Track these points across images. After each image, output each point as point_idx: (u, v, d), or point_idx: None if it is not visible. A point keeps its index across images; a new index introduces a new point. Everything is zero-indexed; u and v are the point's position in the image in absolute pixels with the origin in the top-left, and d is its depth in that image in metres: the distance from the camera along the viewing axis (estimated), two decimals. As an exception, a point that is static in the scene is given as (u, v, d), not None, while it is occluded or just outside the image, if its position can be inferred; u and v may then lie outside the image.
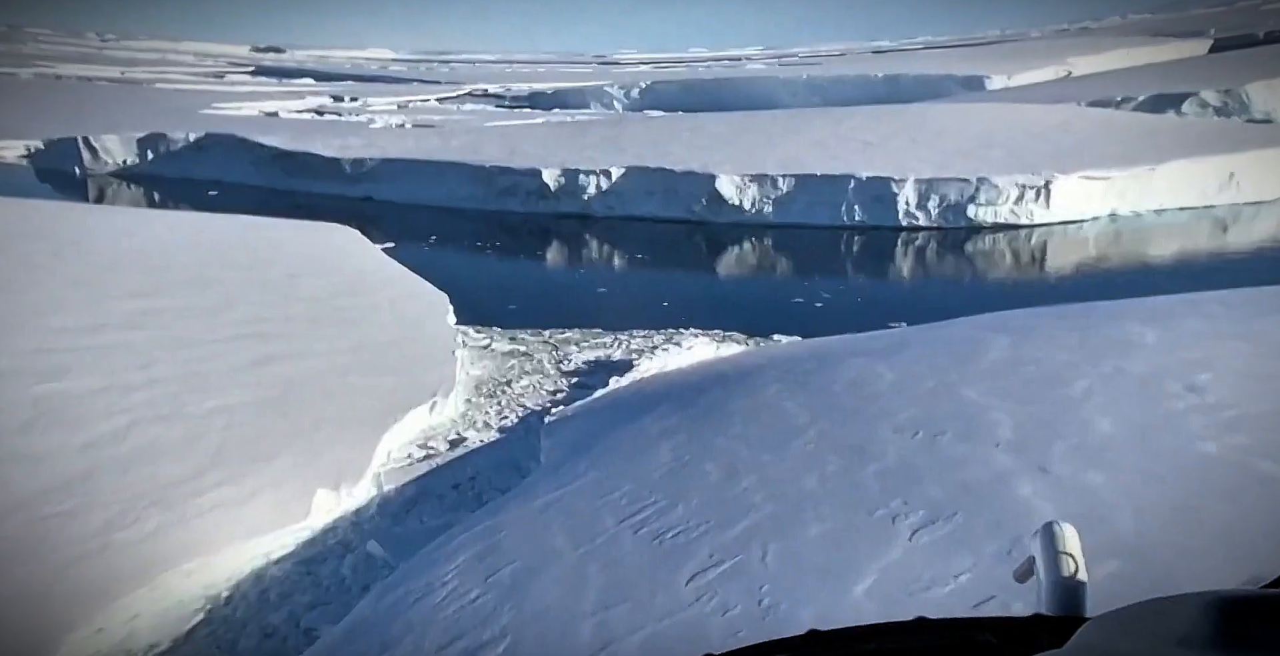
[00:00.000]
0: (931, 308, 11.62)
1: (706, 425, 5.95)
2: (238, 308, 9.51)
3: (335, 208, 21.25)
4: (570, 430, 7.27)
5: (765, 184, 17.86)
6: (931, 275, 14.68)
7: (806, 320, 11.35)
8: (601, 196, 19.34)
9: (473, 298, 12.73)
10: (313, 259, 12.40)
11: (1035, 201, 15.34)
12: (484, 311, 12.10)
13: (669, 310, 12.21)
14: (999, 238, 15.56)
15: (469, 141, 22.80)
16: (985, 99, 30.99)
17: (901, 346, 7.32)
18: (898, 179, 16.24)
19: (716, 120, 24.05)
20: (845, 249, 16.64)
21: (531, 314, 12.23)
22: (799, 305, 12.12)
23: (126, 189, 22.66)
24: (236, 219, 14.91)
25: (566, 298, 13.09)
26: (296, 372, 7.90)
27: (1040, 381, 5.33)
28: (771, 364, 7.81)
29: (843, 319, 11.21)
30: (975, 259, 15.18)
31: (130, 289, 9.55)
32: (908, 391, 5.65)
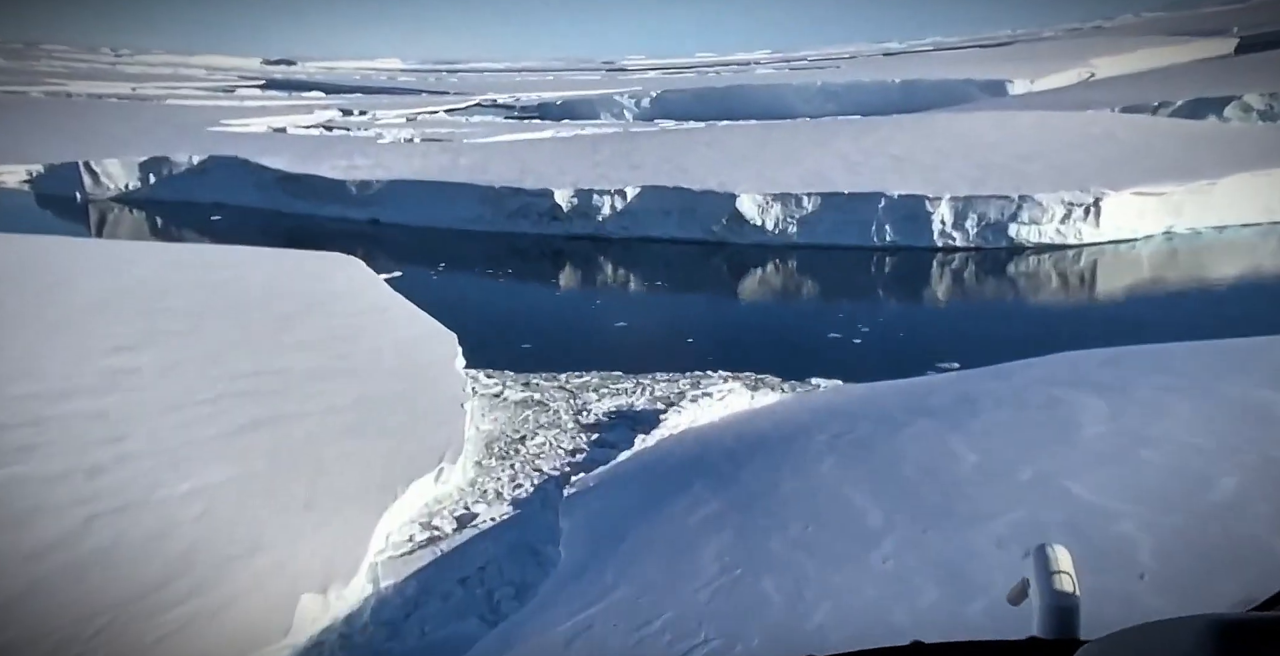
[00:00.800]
0: (982, 342, 10.69)
1: (756, 517, 5.06)
2: (228, 359, 8.73)
3: (341, 231, 20.58)
4: (593, 507, 6.41)
5: (789, 203, 16.98)
6: (975, 302, 13.69)
7: (846, 358, 10.44)
8: (616, 217, 18.52)
9: (483, 335, 11.91)
10: (312, 296, 11.63)
11: (1084, 220, 14.36)
12: (495, 352, 11.28)
13: (694, 347, 11.34)
14: (1044, 259, 14.58)
15: (478, 159, 22.07)
16: (1010, 106, 29.97)
17: (969, 406, 6.40)
18: (932, 197, 15.31)
19: (733, 133, 23.20)
20: (877, 272, 15.70)
21: (546, 353, 11.39)
22: (836, 341, 11.20)
23: (128, 214, 22.07)
24: (234, 251, 14.19)
25: (583, 333, 12.25)
26: (288, 440, 7.08)
27: (1172, 474, 4.39)
28: (818, 422, 6.91)
29: (886, 356, 10.32)
30: (1020, 282, 14.21)
31: (113, 339, 8.79)
32: (999, 482, 4.74)
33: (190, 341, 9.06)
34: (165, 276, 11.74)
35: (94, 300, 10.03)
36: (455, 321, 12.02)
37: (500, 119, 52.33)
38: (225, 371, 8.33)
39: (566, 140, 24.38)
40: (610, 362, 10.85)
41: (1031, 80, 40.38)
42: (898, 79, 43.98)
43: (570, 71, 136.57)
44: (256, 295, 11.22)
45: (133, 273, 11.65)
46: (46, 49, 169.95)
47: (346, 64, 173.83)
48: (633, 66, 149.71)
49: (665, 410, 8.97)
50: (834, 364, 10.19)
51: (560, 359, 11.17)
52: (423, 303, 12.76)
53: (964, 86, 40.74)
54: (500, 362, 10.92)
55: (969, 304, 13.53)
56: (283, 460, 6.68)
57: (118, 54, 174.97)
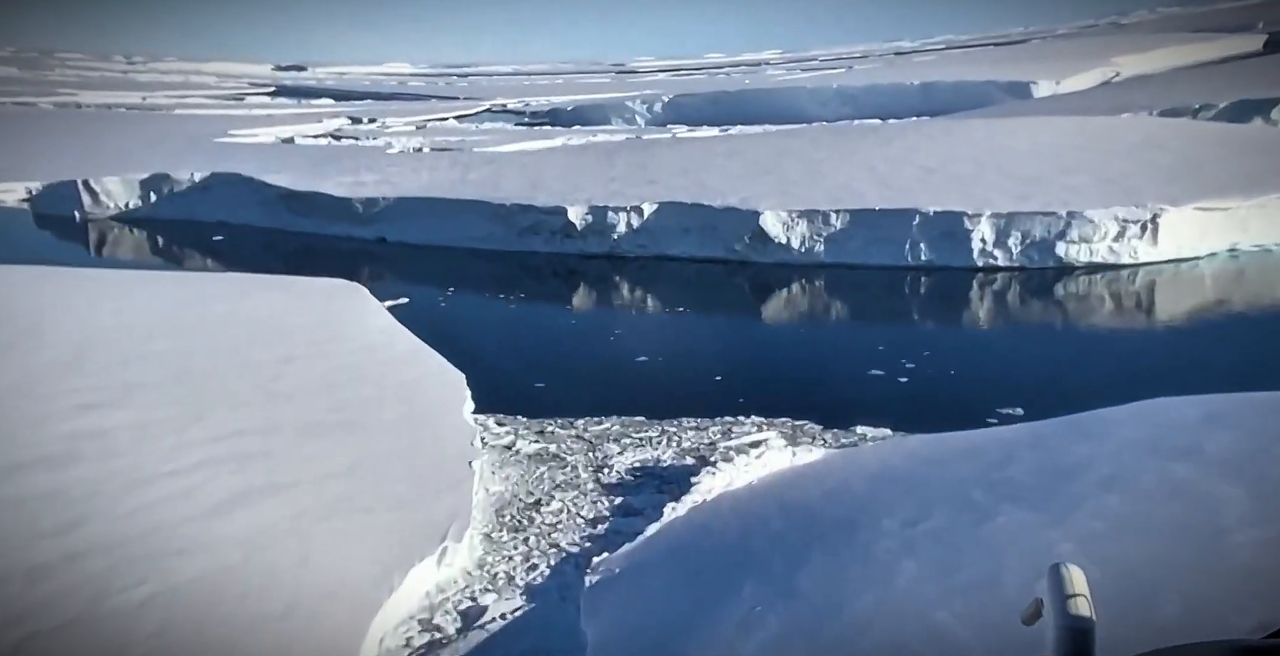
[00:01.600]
0: (1044, 380, 9.69)
1: (829, 651, 4.11)
2: (212, 416, 7.89)
3: (347, 250, 19.80)
4: (621, 606, 5.49)
5: (815, 220, 16.02)
6: (1026, 328, 12.64)
7: (891, 400, 9.48)
8: (632, 235, 17.62)
9: (494, 371, 11.05)
10: (310, 333, 10.79)
11: (1140, 237, 13.33)
12: (507, 393, 10.41)
13: (722, 386, 10.43)
14: (1096, 280, 13.56)
15: (488, 174, 21.24)
16: (1038, 109, 28.86)
17: (1064, 485, 5.44)
18: (971, 213, 14.31)
19: (752, 143, 22.26)
20: (914, 294, 14.72)
21: (561, 393, 10.52)
22: (878, 378, 10.23)
23: (127, 234, 21.40)
24: (231, 281, 13.39)
25: (600, 368, 11.34)
26: (270, 521, 6.21)
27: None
28: (881, 500, 5.97)
29: (937, 398, 9.35)
30: (1073, 306, 13.19)
31: (83, 395, 7.97)
32: (1134, 618, 3.77)
33: (171, 395, 8.22)
34: (152, 314, 10.94)
35: (68, 347, 9.22)
36: (464, 355, 11.17)
37: (510, 126, 51.68)
38: (207, 432, 7.49)
39: (579, 151, 23.52)
40: (631, 404, 9.96)
41: (1056, 81, 39.18)
42: (916, 81, 42.87)
43: (580, 74, 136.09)
44: (249, 335, 10.39)
45: (117, 310, 10.86)
46: (61, 57, 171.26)
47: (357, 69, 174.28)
48: (642, 68, 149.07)
49: (695, 466, 8.06)
50: (879, 407, 9.24)
51: (577, 400, 10.28)
52: (430, 334, 11.91)
53: (985, 88, 39.60)
54: (512, 405, 10.06)
55: (1019, 331, 12.49)
56: (263, 550, 5.81)
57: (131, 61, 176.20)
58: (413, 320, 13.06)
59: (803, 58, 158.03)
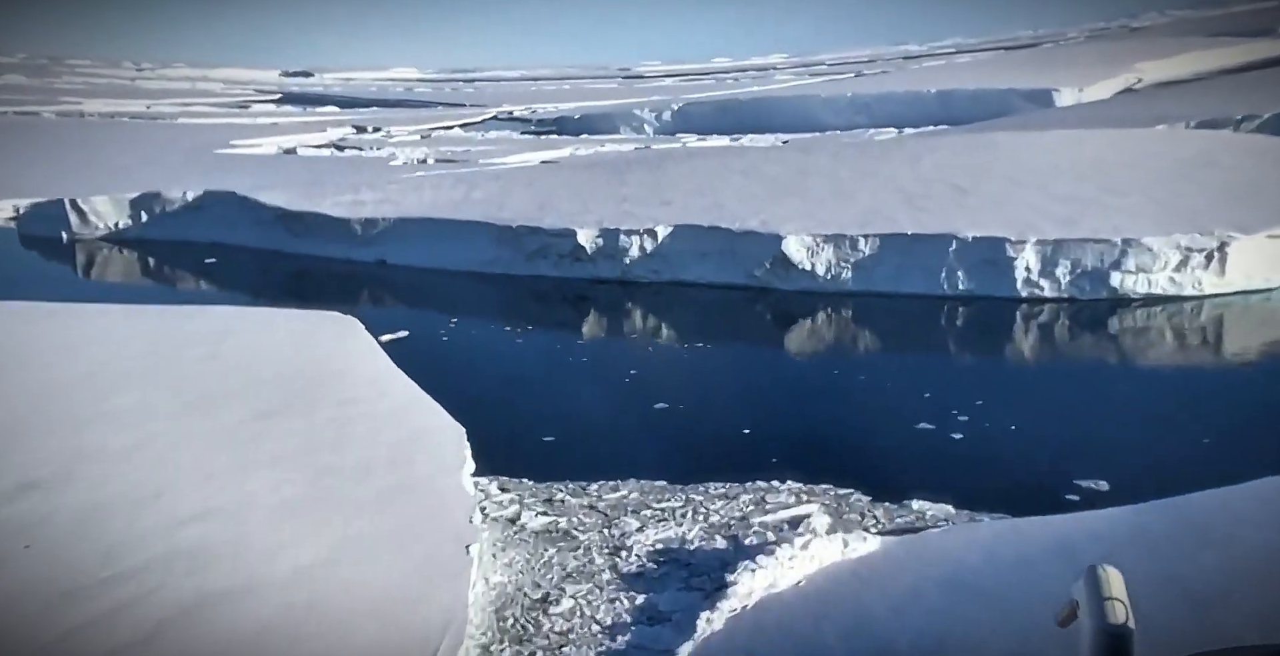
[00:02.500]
0: (1124, 441, 8.58)
1: None
2: (171, 496, 6.88)
3: (345, 273, 18.86)
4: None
5: (842, 245, 14.96)
6: (1086, 370, 11.44)
7: (949, 465, 8.40)
8: (646, 259, 16.61)
9: (498, 423, 10.03)
10: (295, 381, 9.79)
11: (1205, 268, 12.22)
12: (512, 448, 9.40)
13: (750, 440, 9.37)
14: (1156, 313, 12.44)
15: (493, 192, 20.27)
16: (1065, 120, 27.73)
17: (1194, 615, 4.36)
18: (1015, 240, 13.23)
19: (770, 159, 21.23)
20: (952, 326, 13.64)
21: (572, 448, 9.49)
22: (929, 435, 9.15)
23: (116, 255, 20.49)
24: (212, 315, 12.41)
25: (615, 418, 10.30)
26: (225, 637, 5.18)
27: None
28: (963, 619, 4.90)
29: (1002, 463, 8.27)
30: (1134, 342, 12.07)
31: (23, 472, 6.97)
32: None
33: (125, 467, 7.22)
34: (119, 361, 9.96)
35: (18, 409, 8.23)
36: (466, 401, 10.16)
37: (516, 134, 50.88)
38: (161, 519, 6.47)
39: (588, 167, 22.55)
40: (649, 463, 8.93)
41: (1079, 89, 38.01)
42: (933, 89, 41.78)
43: (586, 79, 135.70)
44: (226, 386, 9.40)
45: (80, 357, 9.89)
46: (71, 64, 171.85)
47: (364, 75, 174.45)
48: (649, 73, 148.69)
49: (728, 552, 7.01)
50: (934, 474, 8.17)
51: (589, 457, 9.26)
52: (429, 375, 10.92)
53: (1005, 96, 38.49)
54: (517, 464, 9.03)
55: (1080, 372, 11.32)
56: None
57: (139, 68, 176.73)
58: (411, 358, 12.05)
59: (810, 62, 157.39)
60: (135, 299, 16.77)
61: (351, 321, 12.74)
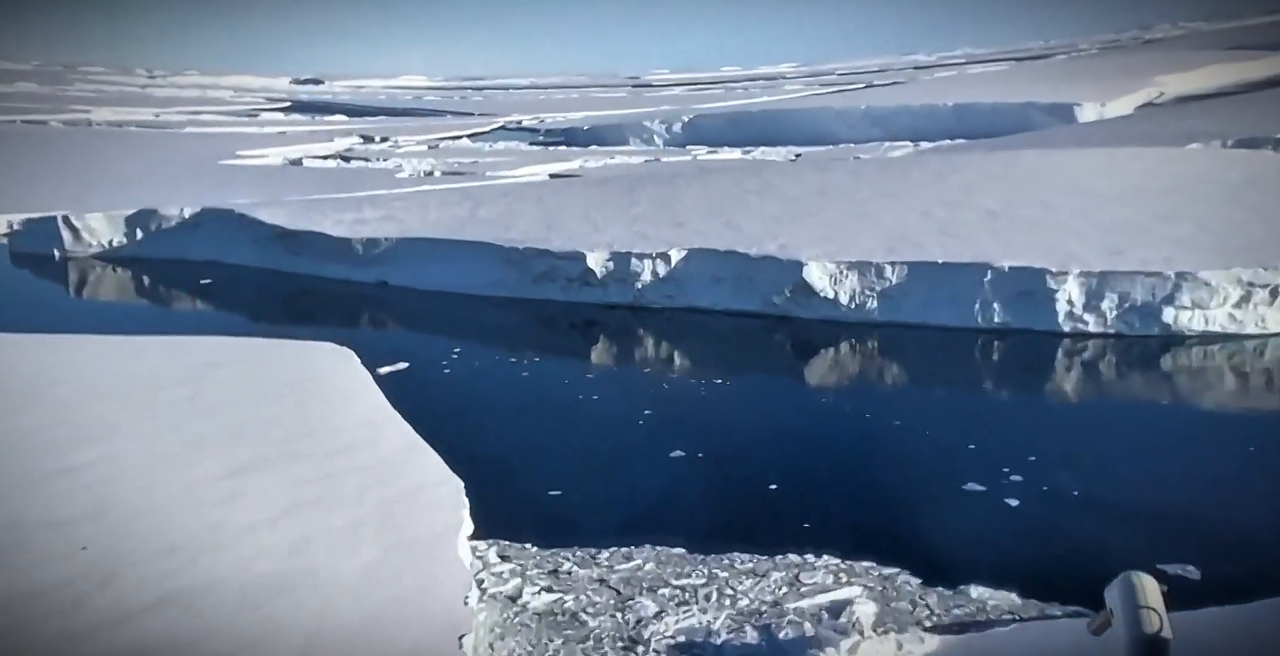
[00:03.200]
0: (1206, 513, 7.67)
1: None
2: (126, 576, 6.06)
3: (345, 294, 18.12)
4: None
5: (867, 273, 14.12)
6: (1146, 418, 10.47)
7: (1008, 540, 7.49)
8: (658, 284, 15.79)
9: (500, 475, 9.21)
10: (280, 427, 8.98)
11: (1270, 304, 11.30)
12: (514, 506, 8.58)
13: (779, 501, 8.51)
14: (1214, 353, 11.54)
15: (500, 210, 19.51)
16: (1089, 136, 26.85)
17: None
18: (1056, 271, 12.34)
19: (787, 177, 20.42)
20: (990, 362, 12.76)
21: (581, 505, 8.65)
22: (980, 499, 8.24)
23: (110, 273, 19.81)
24: (197, 348, 11.63)
25: (628, 469, 9.45)
26: None
27: None
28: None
29: (1069, 539, 7.37)
30: (1194, 385, 11.17)
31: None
32: None
33: (76, 543, 6.41)
34: (92, 401, 9.19)
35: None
36: (466, 447, 9.41)
37: (525, 145, 50.35)
38: (107, 603, 5.65)
39: (598, 185, 21.79)
40: (666, 525, 8.10)
41: (1101, 103, 37.10)
42: (949, 102, 40.95)
43: (595, 88, 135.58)
44: (203, 435, 8.60)
45: (47, 400, 9.12)
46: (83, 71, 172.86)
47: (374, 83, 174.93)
48: (658, 82, 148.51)
49: (761, 647, 6.15)
50: (991, 550, 7.29)
51: (599, 515, 8.43)
52: (428, 415, 10.15)
53: (1025, 110, 37.62)
54: (520, 525, 8.21)
55: (1139, 420, 10.35)
56: None
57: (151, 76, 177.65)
58: (409, 394, 11.27)
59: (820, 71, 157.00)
60: (123, 322, 16.14)
61: (346, 354, 11.95)
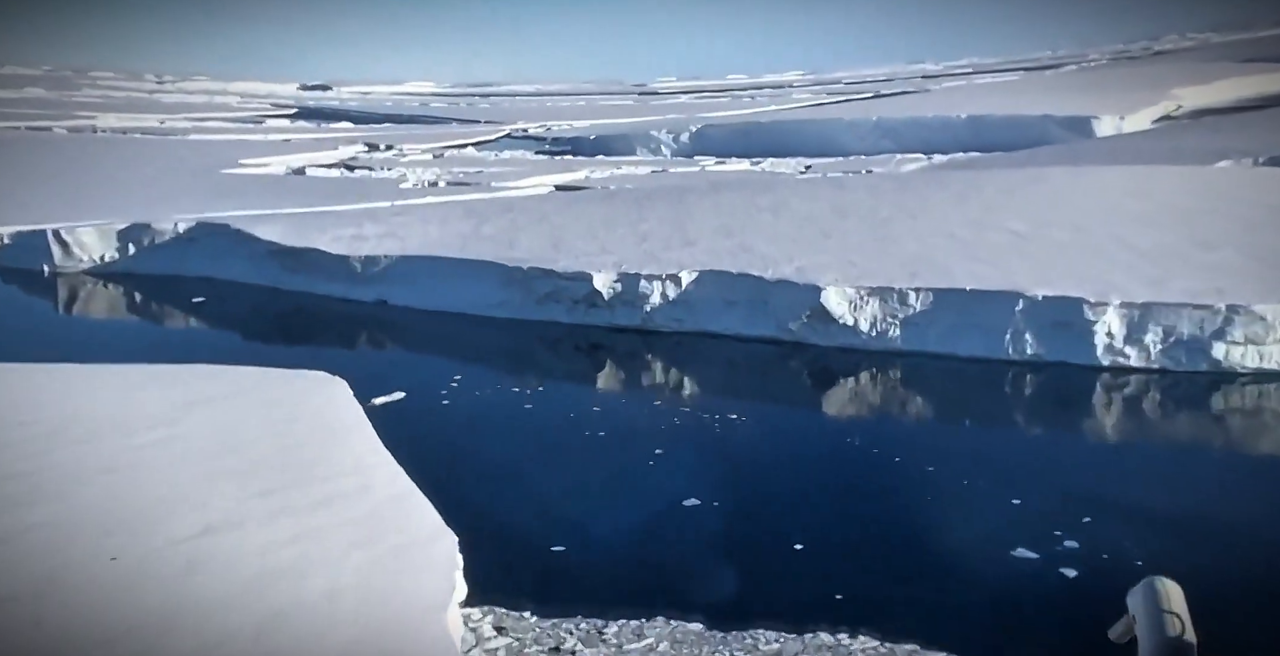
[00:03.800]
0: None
1: None
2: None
3: (343, 313, 17.45)
4: None
5: (889, 299, 13.39)
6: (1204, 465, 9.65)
7: (1066, 627, 6.70)
8: (668, 306, 15.09)
9: (498, 527, 8.49)
10: (261, 475, 8.27)
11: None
12: (513, 564, 7.86)
13: (806, 562, 7.76)
14: (1271, 392, 10.75)
15: (504, 226, 18.84)
16: (1112, 152, 26.10)
17: None
18: (1094, 301, 11.59)
19: (801, 194, 19.72)
20: (1024, 397, 12.01)
21: (586, 567, 7.91)
22: (1033, 571, 7.44)
23: (100, 291, 19.18)
24: (179, 378, 10.93)
25: (638, 523, 8.70)
26: None
27: None
28: None
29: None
30: (1252, 426, 10.37)
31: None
32: None
33: (17, 621, 5.69)
34: (55, 446, 8.48)
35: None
36: (462, 492, 8.73)
37: (530, 154, 49.81)
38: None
39: (606, 199, 21.12)
40: (682, 592, 7.37)
41: (1120, 117, 36.34)
42: (963, 114, 40.25)
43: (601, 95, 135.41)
44: (175, 485, 7.88)
45: (6, 444, 8.42)
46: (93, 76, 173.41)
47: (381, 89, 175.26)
48: (664, 90, 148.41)
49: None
50: (1049, 635, 6.51)
51: (607, 579, 7.69)
52: (423, 452, 9.49)
53: (1041, 123, 36.88)
54: (519, 589, 7.50)
55: (1197, 469, 9.48)
56: None
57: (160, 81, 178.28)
58: (404, 430, 10.58)
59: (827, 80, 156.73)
60: (107, 345, 15.46)
61: (338, 385, 11.22)
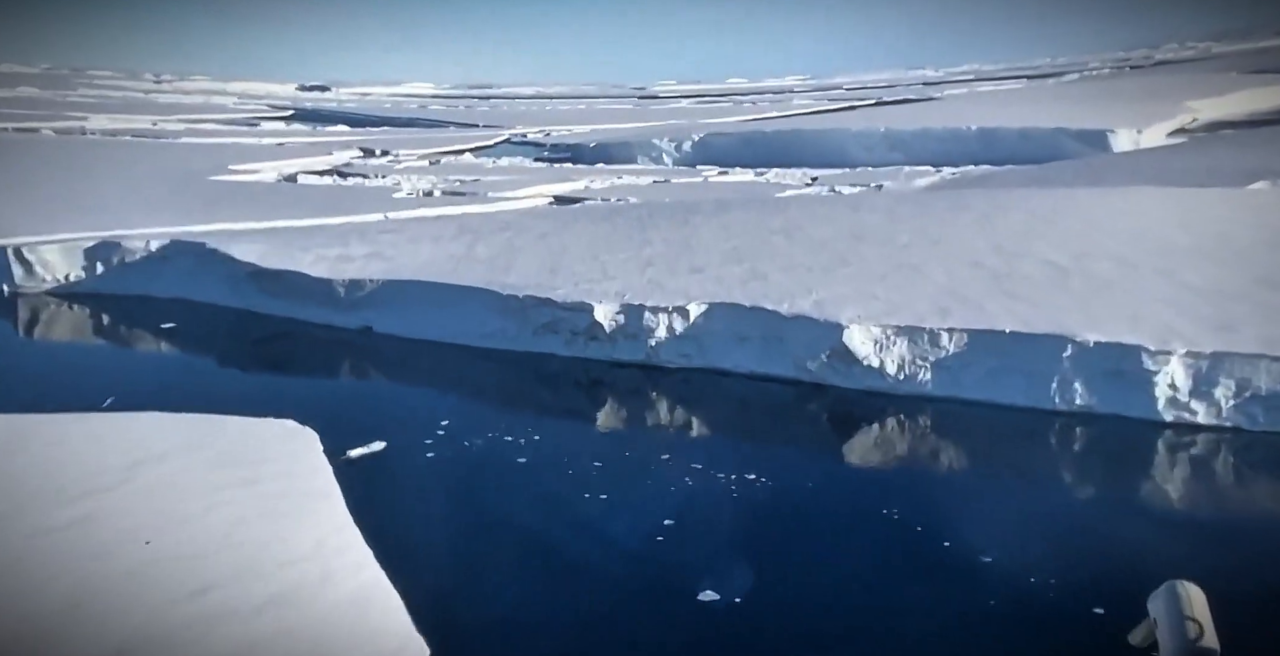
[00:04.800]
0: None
1: None
2: None
3: (324, 341, 16.24)
4: None
5: (920, 340, 12.20)
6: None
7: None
8: (675, 341, 13.91)
9: (477, 635, 7.25)
10: (196, 575, 7.04)
11: None
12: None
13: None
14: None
15: (499, 246, 17.65)
16: (1136, 169, 24.99)
17: None
18: (1155, 349, 10.41)
19: (815, 215, 18.55)
20: (1073, 454, 10.81)
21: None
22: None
23: (64, 312, 17.92)
24: (128, 431, 9.69)
25: (646, 623, 7.46)
26: None
27: None
28: None
29: None
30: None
31: None
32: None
33: None
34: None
35: None
36: (441, 578, 7.58)
37: (529, 161, 48.78)
38: None
39: (608, 217, 19.94)
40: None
41: (1138, 130, 35.25)
42: (973, 126, 39.16)
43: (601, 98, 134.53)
44: (88, 583, 6.66)
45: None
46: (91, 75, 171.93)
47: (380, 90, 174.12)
48: (664, 94, 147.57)
49: None
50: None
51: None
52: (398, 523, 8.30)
53: (1055, 136, 35.79)
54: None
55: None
56: None
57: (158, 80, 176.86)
58: (380, 494, 9.40)
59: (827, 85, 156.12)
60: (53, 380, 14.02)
61: (306, 438, 10.03)
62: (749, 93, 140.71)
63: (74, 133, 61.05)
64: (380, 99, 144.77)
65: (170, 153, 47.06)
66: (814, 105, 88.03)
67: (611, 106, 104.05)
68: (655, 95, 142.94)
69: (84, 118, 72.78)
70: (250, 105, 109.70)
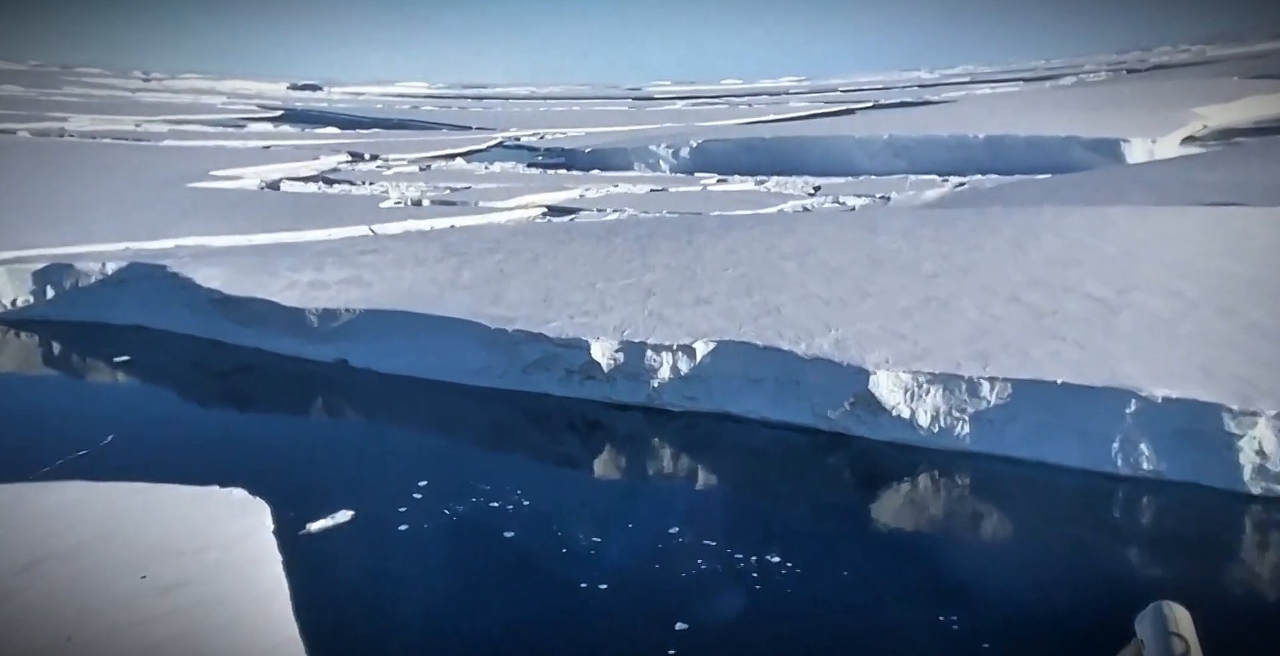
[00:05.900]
0: None
1: None
2: None
3: (294, 375, 14.83)
4: None
5: (957, 389, 10.87)
6: None
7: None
8: (679, 382, 12.56)
9: None
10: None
11: None
12: None
13: None
14: None
15: (489, 270, 16.28)
16: (1158, 183, 23.77)
17: None
18: (1237, 410, 9.11)
19: (828, 239, 17.22)
20: (1140, 528, 9.49)
21: None
22: None
23: (13, 340, 16.44)
24: (48, 503, 8.27)
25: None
26: None
27: None
28: None
29: None
30: None
31: None
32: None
33: None
34: None
35: None
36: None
37: (523, 166, 47.30)
38: None
39: (606, 237, 18.56)
40: None
41: (1152, 139, 34.09)
42: (980, 134, 37.95)
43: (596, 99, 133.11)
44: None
45: None
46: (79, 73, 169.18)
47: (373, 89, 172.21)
48: (660, 95, 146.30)
49: None
50: None
51: None
52: (353, 634, 6.93)
53: (1065, 145, 34.60)
54: None
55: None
56: None
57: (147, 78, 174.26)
58: (338, 588, 8.04)
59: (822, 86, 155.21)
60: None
61: (255, 514, 8.61)
62: (744, 94, 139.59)
63: (52, 135, 59.18)
64: (373, 99, 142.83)
65: (149, 156, 45.36)
66: (811, 107, 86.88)
67: (606, 108, 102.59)
68: (650, 96, 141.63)
69: (64, 118, 70.80)
70: (239, 105, 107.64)
